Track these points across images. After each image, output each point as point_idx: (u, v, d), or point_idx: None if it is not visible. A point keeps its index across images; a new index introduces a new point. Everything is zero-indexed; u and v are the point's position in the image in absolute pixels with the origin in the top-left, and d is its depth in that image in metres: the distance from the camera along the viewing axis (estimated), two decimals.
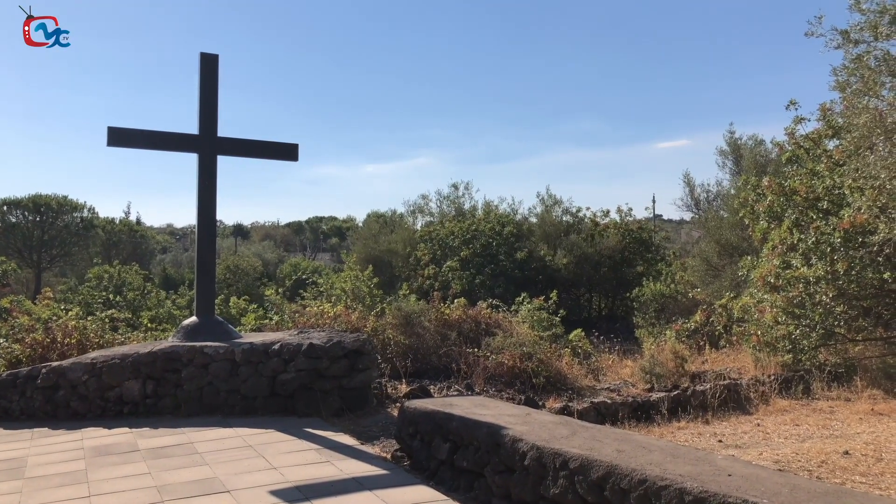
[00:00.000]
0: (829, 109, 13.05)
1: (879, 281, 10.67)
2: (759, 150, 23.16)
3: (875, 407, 9.12)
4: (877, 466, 6.36)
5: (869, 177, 9.18)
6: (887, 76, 9.14)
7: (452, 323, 11.29)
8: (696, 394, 9.45)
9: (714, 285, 18.51)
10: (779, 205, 12.73)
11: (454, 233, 26.29)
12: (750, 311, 12.21)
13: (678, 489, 3.96)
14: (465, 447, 5.95)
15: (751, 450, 7.31)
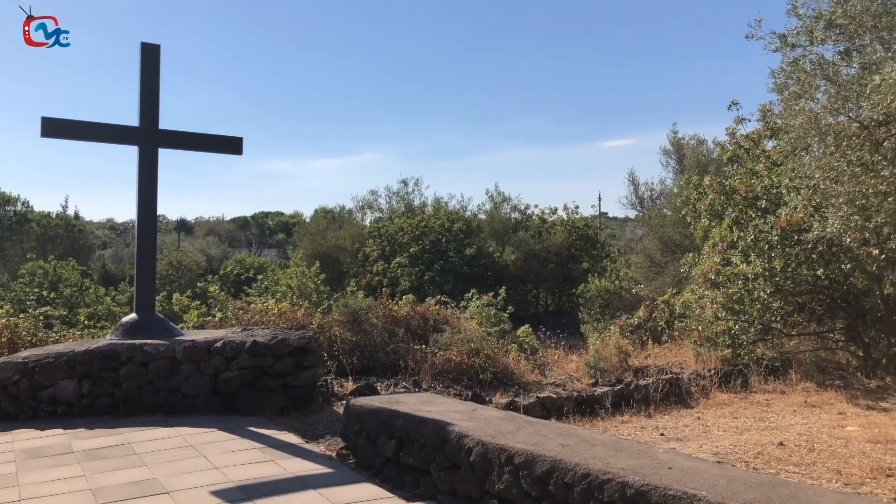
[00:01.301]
0: (769, 111, 13.44)
1: (813, 277, 11.06)
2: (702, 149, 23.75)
3: (808, 399, 9.44)
4: (809, 457, 6.57)
5: (804, 177, 9.49)
6: (822, 80, 9.46)
7: (400, 320, 11.24)
8: (639, 388, 9.63)
9: (657, 282, 18.91)
10: (719, 203, 13.07)
11: (403, 229, 26.23)
12: (691, 307, 12.50)
13: (620, 483, 4.01)
14: (411, 444, 5.92)
15: (691, 442, 7.48)
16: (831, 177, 8.82)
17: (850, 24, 8.88)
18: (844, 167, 8.68)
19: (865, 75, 8.58)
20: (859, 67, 9.05)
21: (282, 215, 77.72)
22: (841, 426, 7.87)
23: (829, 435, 7.43)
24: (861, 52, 9.02)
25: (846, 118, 8.83)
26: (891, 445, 6.86)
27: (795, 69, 9.47)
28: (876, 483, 5.72)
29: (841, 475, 5.96)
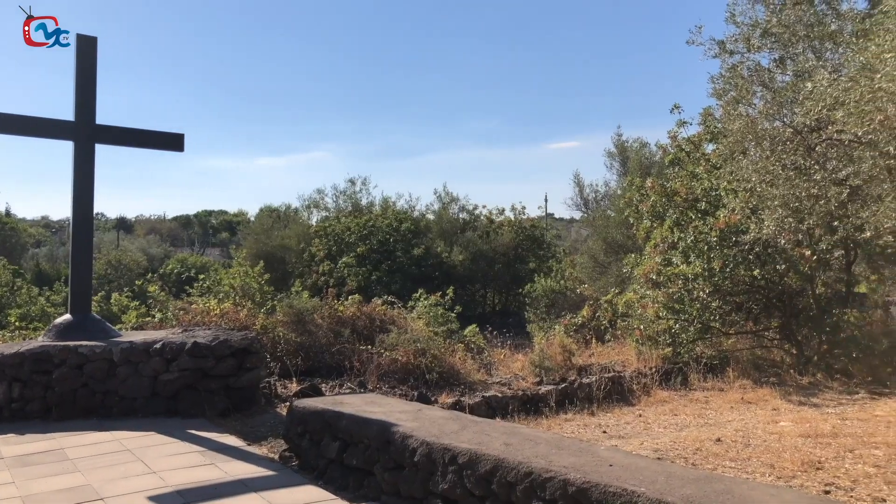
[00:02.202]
0: (709, 115, 13.81)
1: (750, 278, 11.40)
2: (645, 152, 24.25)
3: (745, 396, 9.72)
4: (745, 452, 6.77)
5: (742, 180, 9.78)
6: (759, 86, 9.77)
7: (346, 320, 11.13)
8: (583, 386, 9.76)
9: (601, 282, 19.23)
10: (661, 205, 13.37)
11: (350, 228, 26.05)
12: (633, 306, 12.74)
13: (562, 480, 4.05)
14: (355, 445, 5.87)
15: (633, 439, 7.62)
16: (767, 180, 9.12)
17: (784, 33, 9.20)
18: (779, 171, 8.98)
19: (799, 83, 8.89)
20: (793, 75, 9.38)
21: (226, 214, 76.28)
22: (775, 422, 8.13)
23: (763, 430, 7.67)
24: (795, 60, 9.36)
25: (781, 123, 9.14)
26: (820, 440, 7.12)
27: (733, 75, 9.75)
28: (806, 476, 5.93)
29: (774, 469, 6.15)
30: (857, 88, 7.36)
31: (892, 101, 6.98)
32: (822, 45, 9.02)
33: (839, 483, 5.71)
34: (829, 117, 8.16)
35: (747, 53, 9.80)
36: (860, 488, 5.57)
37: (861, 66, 7.47)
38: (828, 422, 7.93)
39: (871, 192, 8.34)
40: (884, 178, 7.90)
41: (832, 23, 8.84)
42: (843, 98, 7.57)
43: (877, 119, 7.25)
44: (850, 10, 8.85)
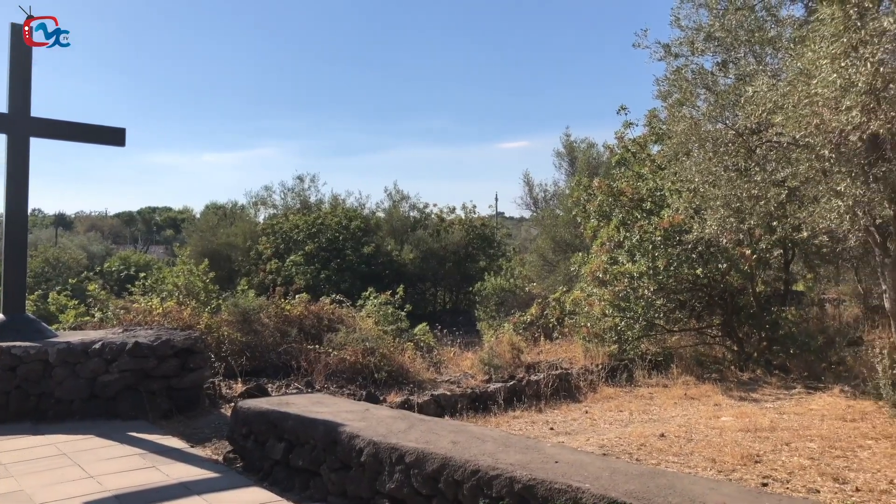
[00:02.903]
0: (655, 116, 14.07)
1: (693, 276, 11.67)
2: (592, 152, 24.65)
3: (688, 392, 9.94)
4: (687, 447, 6.92)
5: (685, 180, 10.00)
6: (702, 89, 9.99)
7: (293, 319, 10.98)
8: (531, 384, 9.84)
9: (549, 280, 19.45)
10: (608, 204, 13.57)
11: (299, 226, 25.72)
12: (580, 304, 12.91)
13: (509, 478, 4.07)
14: (301, 446, 5.79)
15: (579, 436, 7.71)
16: (709, 181, 9.34)
17: (727, 38, 9.42)
18: (721, 172, 9.21)
19: (740, 86, 9.12)
20: (735, 78, 9.62)
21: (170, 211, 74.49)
22: (716, 417, 8.34)
23: (705, 425, 7.85)
24: (737, 64, 9.59)
25: (723, 126, 9.36)
26: (759, 434, 7.32)
27: (678, 78, 9.96)
28: (745, 469, 6.09)
29: (715, 463, 6.30)
30: (795, 93, 7.59)
31: (828, 106, 7.21)
32: (762, 49, 9.28)
33: (776, 475, 5.88)
34: (768, 120, 8.40)
35: (691, 57, 10.01)
36: (795, 480, 5.75)
37: (798, 71, 7.70)
38: (766, 416, 8.16)
39: (808, 193, 8.62)
40: (819, 180, 8.16)
41: (772, 28, 9.09)
42: (782, 102, 7.80)
43: (813, 123, 7.49)
44: (789, 17, 9.13)
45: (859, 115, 6.91)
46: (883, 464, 6.15)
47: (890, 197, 8.12)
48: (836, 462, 6.25)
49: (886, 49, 7.07)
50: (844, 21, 7.05)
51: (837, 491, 5.47)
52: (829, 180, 7.99)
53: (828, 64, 7.10)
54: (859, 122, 6.94)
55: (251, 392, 8.65)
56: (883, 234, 8.80)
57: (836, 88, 7.00)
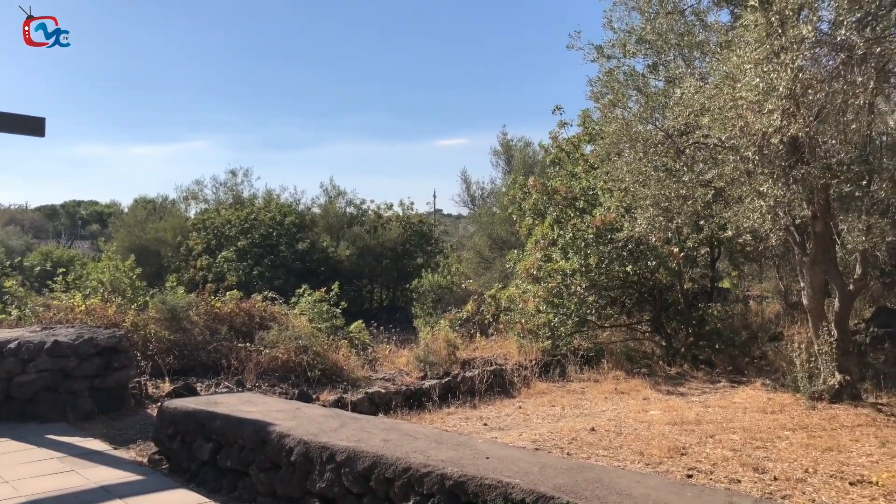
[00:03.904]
0: (588, 117, 14.33)
1: (624, 273, 11.93)
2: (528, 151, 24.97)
3: (618, 386, 10.16)
4: (617, 440, 7.06)
5: (617, 180, 10.21)
6: (633, 90, 10.21)
7: (224, 317, 10.72)
8: (466, 380, 9.89)
9: (485, 277, 19.59)
10: (542, 203, 13.75)
11: (231, 221, 25.15)
12: (515, 301, 13.04)
13: (440, 475, 4.06)
14: (230, 446, 5.66)
15: (512, 431, 7.78)
16: (640, 180, 9.57)
17: (657, 41, 9.66)
18: (651, 172, 9.44)
19: (670, 88, 9.37)
20: (665, 81, 9.87)
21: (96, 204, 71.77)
22: (645, 411, 8.54)
23: (634, 419, 8.03)
24: (667, 67, 9.85)
25: (653, 127, 9.60)
26: (685, 427, 7.54)
27: (610, 79, 10.16)
28: (672, 462, 6.25)
29: (643, 456, 6.45)
30: (721, 96, 7.85)
31: (751, 109, 7.48)
32: (691, 53, 9.54)
33: (700, 467, 6.06)
34: (696, 122, 8.66)
35: (623, 59, 10.23)
36: (718, 471, 5.94)
37: (724, 75, 7.96)
38: (692, 410, 8.41)
39: (733, 193, 8.93)
40: (744, 181, 8.46)
41: (700, 33, 9.36)
42: (709, 105, 8.04)
43: (738, 125, 7.76)
44: (716, 22, 9.42)
45: (780, 118, 7.19)
46: (799, 453, 6.41)
47: (808, 198, 8.49)
48: (756, 453, 6.48)
49: (805, 56, 7.38)
50: (767, 28, 7.32)
51: (757, 480, 5.67)
52: (753, 181, 8.30)
53: (751, 68, 7.36)
54: (780, 125, 7.23)
55: (179, 391, 8.42)
56: (802, 233, 9.19)
57: (759, 92, 7.27)
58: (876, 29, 7.41)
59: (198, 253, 24.79)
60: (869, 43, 7.27)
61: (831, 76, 7.52)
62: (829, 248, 8.88)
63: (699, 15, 9.58)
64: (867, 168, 7.97)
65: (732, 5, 9.02)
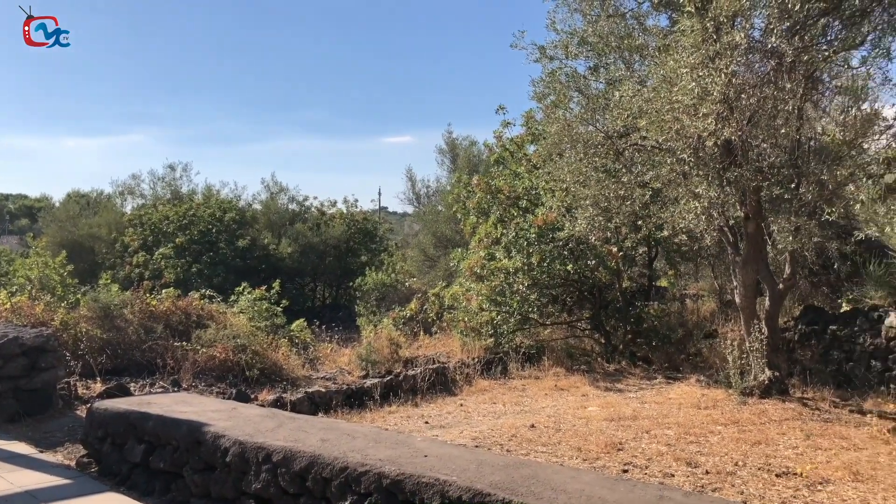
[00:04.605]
0: (532, 117, 14.48)
1: (565, 272, 12.10)
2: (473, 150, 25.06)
3: (558, 383, 10.29)
4: (556, 436, 7.15)
5: (558, 180, 10.34)
6: (575, 91, 10.36)
7: (160, 315, 10.43)
8: (408, 378, 9.86)
9: (430, 275, 19.60)
10: (486, 202, 13.84)
11: (169, 217, 24.51)
12: (459, 299, 13.09)
13: (377, 473, 4.03)
14: (163, 447, 5.51)
15: (453, 429, 7.80)
16: (580, 181, 9.71)
17: (599, 43, 9.81)
18: (591, 173, 9.60)
19: (610, 90, 9.53)
20: (605, 83, 10.04)
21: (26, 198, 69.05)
22: (584, 407, 8.68)
23: (573, 416, 8.15)
24: (607, 69, 10.02)
25: (594, 128, 9.75)
26: (622, 422, 7.69)
27: (553, 80, 10.27)
28: (609, 457, 6.37)
29: (581, 452, 6.55)
30: (658, 99, 8.03)
31: (687, 112, 7.68)
32: (631, 56, 9.72)
33: (636, 462, 6.19)
34: (634, 124, 8.83)
35: (566, 60, 10.35)
36: (653, 466, 6.08)
37: (662, 78, 8.14)
38: (629, 406, 8.58)
39: (670, 194, 9.15)
40: (680, 183, 8.68)
41: (639, 37, 9.54)
42: (646, 108, 8.22)
43: (674, 128, 7.95)
44: (655, 27, 9.61)
45: (714, 122, 7.40)
46: (730, 447, 6.61)
47: (741, 200, 8.77)
48: (690, 447, 6.66)
49: (738, 62, 7.61)
50: (702, 33, 7.52)
51: (690, 474, 5.82)
52: (688, 183, 8.52)
53: (687, 73, 7.55)
54: (714, 128, 7.44)
55: (111, 392, 8.15)
56: (735, 233, 9.48)
57: (695, 96, 7.46)
58: (804, 38, 7.70)
59: (134, 250, 24.09)
60: (798, 51, 7.55)
61: (762, 82, 7.78)
62: (761, 249, 9.18)
63: (639, 19, 9.77)
64: (796, 171, 8.28)
65: (670, 10, 9.22)
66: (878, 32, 7.82)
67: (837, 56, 8.08)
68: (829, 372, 9.69)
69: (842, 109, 8.27)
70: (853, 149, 8.06)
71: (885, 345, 9.38)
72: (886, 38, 7.77)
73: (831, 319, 10.29)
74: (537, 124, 13.74)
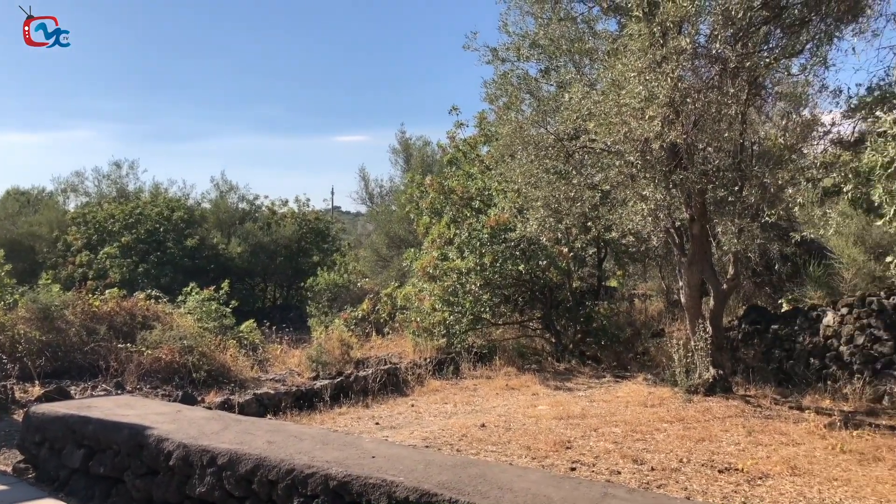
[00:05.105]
0: (485, 118, 14.56)
1: (517, 272, 12.19)
2: (427, 150, 25.07)
3: (509, 382, 10.36)
4: (506, 435, 7.19)
5: (510, 181, 10.42)
6: (527, 93, 10.45)
7: (103, 316, 10.15)
8: (359, 379, 9.80)
9: (383, 275, 19.52)
10: (439, 202, 13.86)
11: (115, 216, 23.88)
12: (412, 299, 13.07)
13: (324, 475, 4.00)
14: (104, 452, 5.36)
15: (404, 429, 7.78)
16: (532, 182, 9.79)
17: (550, 46, 9.91)
18: (542, 174, 9.69)
19: (560, 93, 9.64)
20: (556, 86, 10.15)
21: None
22: (534, 406, 8.75)
23: (523, 415, 8.22)
24: (558, 72, 10.13)
25: (545, 130, 9.85)
26: (571, 421, 7.78)
27: (504, 82, 10.34)
28: (557, 455, 6.44)
29: (530, 450, 6.60)
30: (607, 102, 8.15)
31: (635, 115, 7.81)
32: (581, 59, 9.84)
33: (584, 460, 6.27)
34: (584, 127, 8.95)
35: (517, 62, 10.43)
36: (601, 463, 6.16)
37: (611, 82, 8.27)
38: (578, 404, 8.69)
39: (618, 196, 9.30)
40: (628, 185, 8.83)
41: (590, 40, 9.67)
42: (595, 110, 8.33)
43: (622, 131, 8.08)
44: (605, 31, 9.75)
45: (661, 125, 7.55)
46: (675, 444, 6.75)
47: (687, 202, 8.96)
48: (636, 445, 6.78)
49: (684, 66, 7.78)
50: (650, 38, 7.66)
51: (636, 471, 5.92)
52: (636, 185, 8.67)
53: (635, 76, 7.68)
54: (661, 131, 7.59)
55: (50, 395, 7.89)
56: (681, 235, 9.69)
57: (642, 100, 7.60)
58: (747, 44, 7.92)
59: (77, 249, 23.39)
60: (741, 57, 7.75)
61: (707, 86, 7.96)
62: (706, 250, 9.40)
63: (589, 23, 9.90)
64: (740, 175, 8.50)
65: (619, 15, 9.36)
66: (816, 41, 8.08)
67: (779, 63, 8.33)
68: (771, 370, 9.99)
69: (783, 115, 8.53)
70: (794, 153, 8.32)
71: (822, 343, 9.71)
72: (824, 47, 8.04)
73: (773, 319, 10.60)
74: (490, 125, 13.82)
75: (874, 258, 11.23)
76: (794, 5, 8.14)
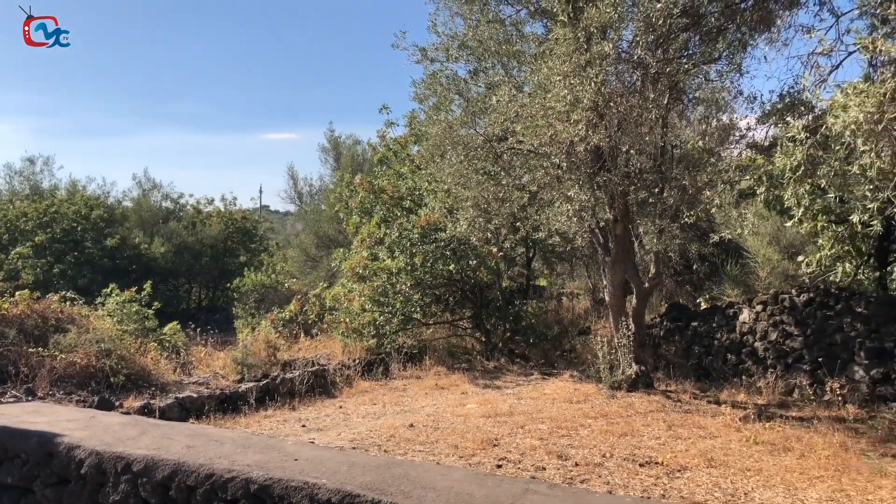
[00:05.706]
0: (415, 118, 14.56)
1: (448, 272, 12.24)
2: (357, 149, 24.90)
3: (439, 382, 10.39)
4: (434, 435, 7.20)
5: (441, 181, 10.45)
6: (456, 94, 10.49)
7: (12, 319, 9.62)
8: (285, 381, 9.64)
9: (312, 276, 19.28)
10: (369, 201, 13.78)
11: (28, 214, 22.80)
12: (341, 300, 12.95)
13: (244, 479, 3.91)
14: (11, 461, 5.10)
15: (331, 431, 7.69)
16: (461, 182, 9.85)
17: (478, 48, 9.98)
18: (472, 175, 9.75)
19: (489, 94, 9.72)
20: (485, 87, 10.23)
21: None
22: (463, 405, 8.80)
23: (452, 414, 8.24)
24: (486, 74, 10.21)
25: (474, 131, 9.91)
26: (499, 419, 7.85)
27: (433, 82, 10.36)
28: (484, 453, 6.48)
29: (458, 449, 6.63)
30: (534, 105, 8.26)
31: (560, 118, 7.94)
32: (509, 61, 9.95)
33: (510, 457, 6.34)
34: (511, 129, 9.06)
35: (447, 63, 10.47)
36: (527, 460, 6.24)
37: (537, 84, 8.39)
38: (506, 402, 8.78)
39: (545, 197, 9.45)
40: (554, 186, 8.98)
41: (518, 43, 9.79)
42: (522, 113, 8.44)
43: (548, 134, 8.20)
44: (532, 34, 9.89)
45: (585, 128, 7.70)
46: (599, 440, 6.91)
47: (610, 203, 9.19)
48: (561, 441, 6.89)
49: (608, 71, 7.96)
50: (575, 42, 7.81)
51: (560, 467, 6.03)
52: (562, 186, 8.83)
53: (560, 80, 7.81)
54: (585, 134, 7.74)
55: None
56: (605, 235, 9.92)
57: (567, 103, 7.73)
58: (668, 50, 8.17)
59: None
60: (661, 63, 7.99)
61: (629, 91, 8.18)
62: (629, 249, 9.65)
63: (517, 25, 10.02)
64: (660, 177, 8.76)
65: (546, 18, 9.51)
66: (732, 49, 8.41)
67: (698, 69, 8.62)
68: (691, 365, 10.34)
69: (702, 119, 8.84)
70: (712, 156, 8.64)
71: (739, 339, 10.12)
72: (739, 55, 8.38)
73: (693, 316, 10.98)
74: (420, 125, 13.82)
75: (788, 257, 11.79)
76: (711, 13, 8.44)
